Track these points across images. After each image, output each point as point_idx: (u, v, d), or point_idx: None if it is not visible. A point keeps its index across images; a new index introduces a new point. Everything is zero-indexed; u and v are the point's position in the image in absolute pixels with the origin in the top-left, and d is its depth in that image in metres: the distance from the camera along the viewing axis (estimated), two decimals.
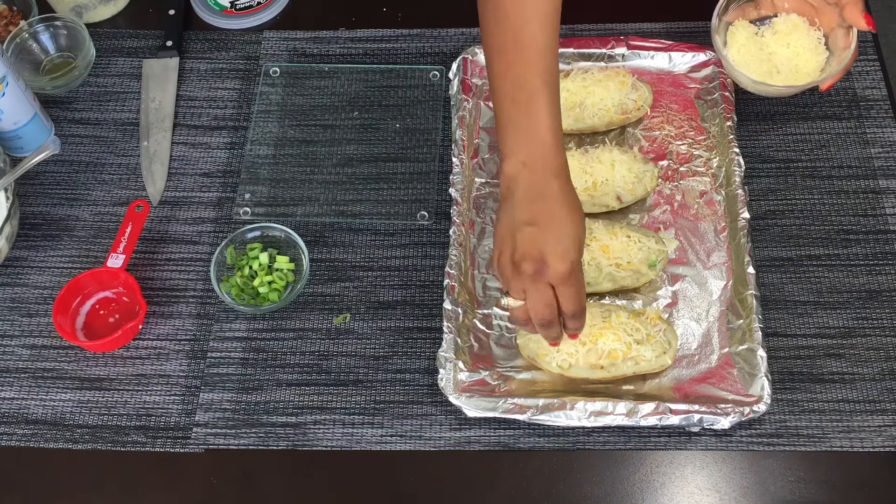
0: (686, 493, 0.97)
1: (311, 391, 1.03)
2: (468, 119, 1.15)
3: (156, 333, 1.07)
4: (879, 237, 1.09)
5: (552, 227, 0.88)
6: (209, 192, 1.15)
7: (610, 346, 0.98)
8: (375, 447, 1.00)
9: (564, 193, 0.90)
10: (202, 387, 1.03)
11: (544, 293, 0.90)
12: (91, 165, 1.18)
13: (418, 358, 1.04)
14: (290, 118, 1.20)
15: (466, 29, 1.25)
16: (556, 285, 0.89)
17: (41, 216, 1.15)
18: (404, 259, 1.10)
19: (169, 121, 1.20)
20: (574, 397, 0.98)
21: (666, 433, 0.99)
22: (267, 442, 1.00)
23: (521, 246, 0.88)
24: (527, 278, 0.89)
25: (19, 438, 1.01)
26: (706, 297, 1.05)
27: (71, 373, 1.05)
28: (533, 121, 0.90)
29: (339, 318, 1.07)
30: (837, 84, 1.18)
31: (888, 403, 0.99)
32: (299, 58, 1.25)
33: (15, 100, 1.11)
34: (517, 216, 0.89)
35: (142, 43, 1.27)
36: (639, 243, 1.04)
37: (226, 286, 1.07)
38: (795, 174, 1.13)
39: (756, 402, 0.97)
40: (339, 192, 1.15)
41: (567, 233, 0.88)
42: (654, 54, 1.19)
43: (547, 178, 0.89)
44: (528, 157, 0.89)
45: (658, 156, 1.14)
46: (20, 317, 1.08)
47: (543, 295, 0.90)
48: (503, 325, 1.04)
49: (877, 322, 1.04)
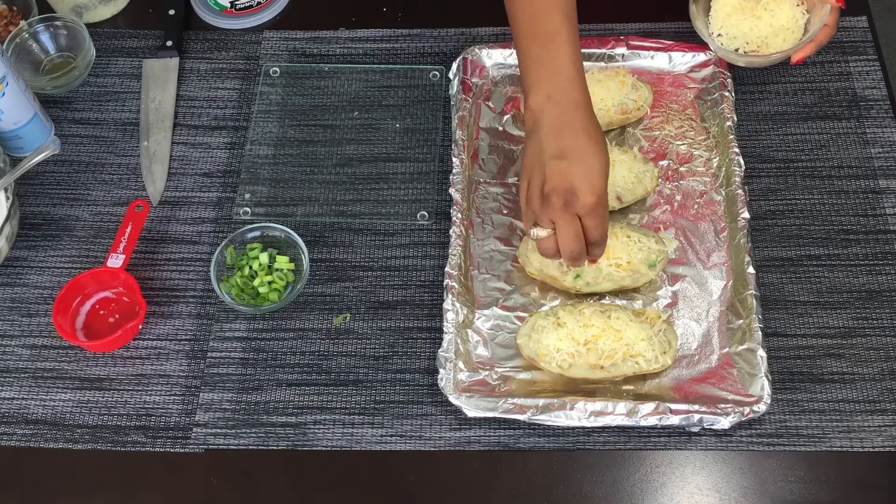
0: (686, 493, 0.97)
1: (311, 391, 1.03)
2: (468, 119, 1.15)
3: (156, 333, 1.07)
4: (879, 237, 1.09)
5: (580, 159, 0.91)
6: (209, 192, 1.15)
7: (610, 346, 0.98)
8: (375, 447, 1.00)
9: (590, 125, 0.92)
10: (202, 387, 1.03)
11: (573, 224, 0.92)
12: (91, 165, 1.18)
13: (418, 358, 1.04)
14: (290, 118, 1.20)
15: (466, 29, 1.25)
16: (583, 216, 0.92)
17: (41, 216, 1.15)
18: (404, 259, 1.10)
19: (169, 121, 1.20)
20: (574, 397, 0.98)
21: (666, 433, 0.99)
22: (267, 442, 1.00)
23: (550, 178, 0.91)
24: (556, 210, 0.92)
25: (19, 438, 1.01)
26: (706, 297, 1.05)
27: (71, 373, 1.05)
28: (555, 55, 0.93)
29: (339, 318, 1.07)
30: (837, 84, 1.18)
31: (888, 403, 0.99)
32: (299, 58, 1.25)
33: (15, 100, 1.11)
34: (545, 148, 0.92)
35: (142, 43, 1.27)
36: (639, 243, 1.04)
37: (226, 286, 1.07)
38: (795, 174, 1.13)
39: (756, 402, 0.97)
40: (339, 192, 1.15)
41: (594, 165, 0.91)
42: (654, 54, 1.19)
43: (572, 110, 0.92)
44: (553, 90, 0.92)
45: (658, 156, 1.14)
46: (20, 317, 1.08)
47: (572, 226, 0.92)
48: (503, 325, 1.04)
49: (877, 322, 1.04)
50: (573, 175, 0.90)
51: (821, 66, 1.19)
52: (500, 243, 1.09)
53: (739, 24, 1.14)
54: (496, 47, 1.20)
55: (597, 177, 0.91)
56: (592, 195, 0.91)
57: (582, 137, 0.91)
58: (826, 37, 1.10)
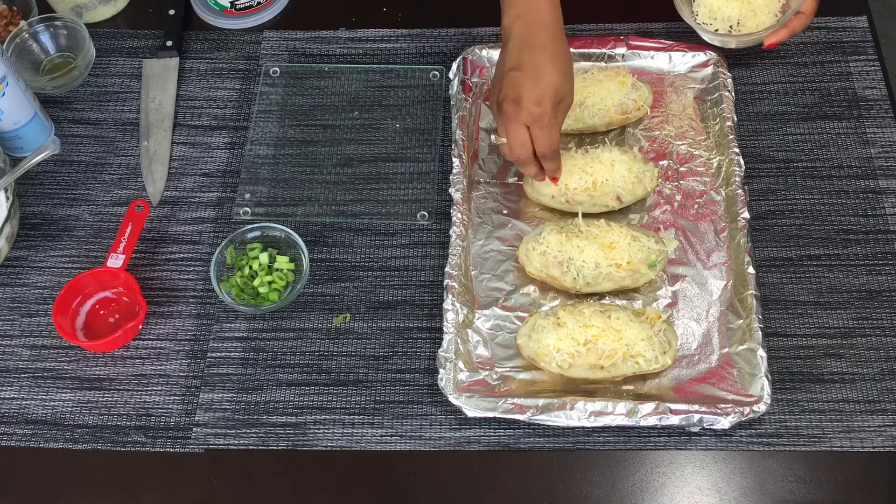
0: (686, 493, 0.97)
1: (311, 391, 1.03)
2: (468, 119, 1.15)
3: (156, 333, 1.07)
4: (879, 237, 1.09)
5: (532, 72, 0.96)
6: (209, 192, 1.15)
7: (610, 346, 0.98)
8: (375, 447, 1.00)
9: (550, 43, 0.97)
10: (202, 387, 1.03)
11: (519, 133, 0.98)
12: (91, 165, 1.18)
13: (418, 358, 1.04)
14: (290, 118, 1.20)
15: (466, 29, 1.25)
16: (529, 125, 0.98)
17: (41, 216, 1.15)
18: (404, 259, 1.10)
19: (169, 121, 1.20)
20: (574, 397, 0.98)
21: (666, 433, 0.99)
22: (267, 442, 1.00)
23: (504, 88, 0.98)
24: (506, 117, 0.98)
25: (19, 438, 1.01)
26: (706, 297, 1.05)
27: (71, 373, 1.05)
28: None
29: (339, 318, 1.07)
30: (837, 84, 1.18)
31: (888, 403, 0.99)
32: (299, 58, 1.25)
33: (15, 100, 1.11)
34: (506, 62, 0.98)
35: (142, 43, 1.27)
36: (639, 243, 1.04)
37: (226, 286, 1.07)
38: (795, 174, 1.13)
39: (756, 402, 0.97)
40: (339, 192, 1.15)
41: (545, 78, 0.96)
42: (654, 54, 1.19)
43: (536, 29, 0.98)
44: (522, 10, 0.98)
45: (658, 156, 1.14)
46: (20, 317, 1.08)
47: (518, 135, 0.99)
48: (503, 325, 1.05)
49: (877, 322, 1.04)
50: (521, 84, 0.96)
51: (821, 66, 1.20)
52: (500, 243, 1.09)
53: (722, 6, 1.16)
54: (496, 47, 1.19)
55: (545, 89, 0.96)
56: (537, 106, 0.95)
57: (540, 54, 0.96)
58: (801, 24, 1.12)
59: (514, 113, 0.97)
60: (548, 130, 0.98)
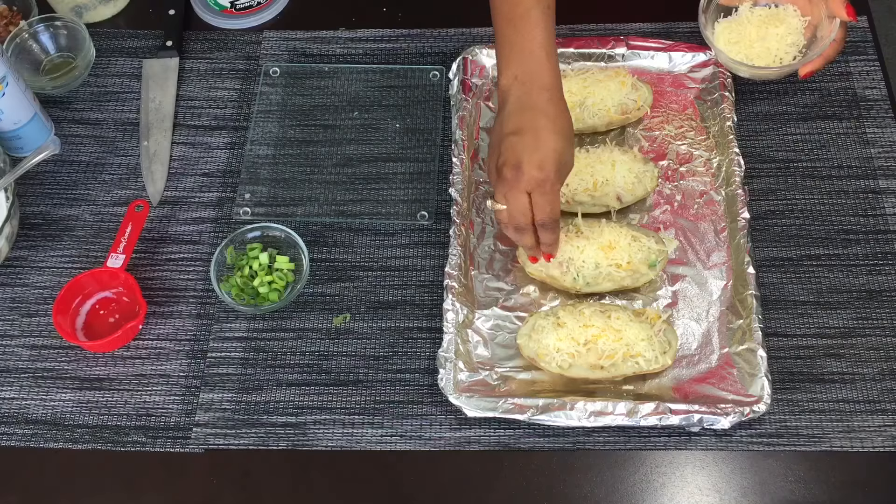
0: (686, 493, 0.97)
1: (311, 391, 1.03)
2: (468, 119, 1.15)
3: (156, 333, 1.07)
4: (879, 237, 1.09)
5: (532, 136, 0.92)
6: (209, 192, 1.15)
7: (610, 346, 0.98)
8: (375, 447, 1.00)
9: (551, 106, 0.94)
10: (202, 387, 1.03)
11: (520, 199, 0.94)
12: (91, 165, 1.18)
13: (418, 358, 1.04)
14: (290, 118, 1.20)
15: (466, 29, 1.25)
16: (530, 192, 0.93)
17: (41, 216, 1.15)
18: (404, 259, 1.10)
19: (169, 121, 1.20)
20: (574, 397, 0.98)
21: (666, 433, 0.99)
22: (267, 442, 1.00)
23: (503, 153, 0.93)
24: (506, 183, 0.94)
25: (19, 438, 1.01)
26: (706, 297, 1.05)
27: (71, 373, 1.05)
28: (525, 37, 0.95)
29: (339, 318, 1.07)
30: (837, 84, 1.18)
31: (888, 403, 0.99)
32: (299, 58, 1.25)
33: (15, 100, 1.11)
34: (505, 126, 0.94)
35: (142, 43, 1.27)
36: (639, 243, 1.04)
37: (226, 286, 1.07)
38: (795, 174, 1.13)
39: (756, 402, 0.97)
40: (339, 192, 1.15)
41: (547, 143, 0.92)
42: (654, 54, 1.19)
43: (536, 91, 0.94)
44: (520, 71, 0.95)
45: (658, 156, 1.14)
46: (20, 317, 1.08)
47: (518, 201, 0.94)
48: (503, 325, 1.05)
49: (877, 322, 1.04)
50: (522, 150, 0.92)
51: None
52: (500, 243, 1.09)
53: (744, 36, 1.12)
54: None
55: (547, 154, 0.92)
56: (539, 171, 0.91)
57: (540, 118, 0.93)
58: (835, 52, 1.08)
59: (514, 179, 0.92)
60: (550, 197, 0.93)
